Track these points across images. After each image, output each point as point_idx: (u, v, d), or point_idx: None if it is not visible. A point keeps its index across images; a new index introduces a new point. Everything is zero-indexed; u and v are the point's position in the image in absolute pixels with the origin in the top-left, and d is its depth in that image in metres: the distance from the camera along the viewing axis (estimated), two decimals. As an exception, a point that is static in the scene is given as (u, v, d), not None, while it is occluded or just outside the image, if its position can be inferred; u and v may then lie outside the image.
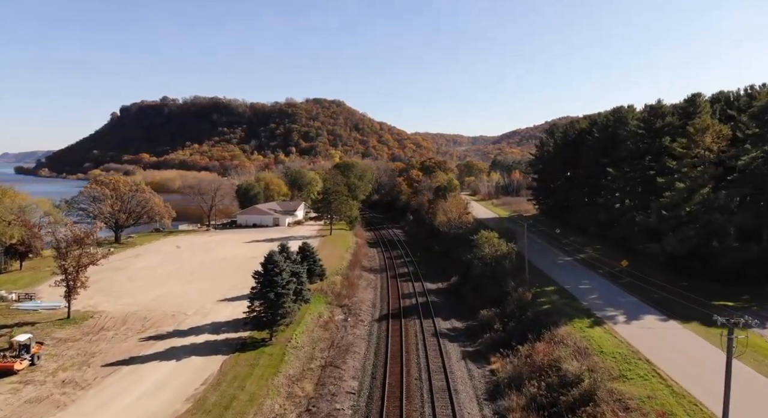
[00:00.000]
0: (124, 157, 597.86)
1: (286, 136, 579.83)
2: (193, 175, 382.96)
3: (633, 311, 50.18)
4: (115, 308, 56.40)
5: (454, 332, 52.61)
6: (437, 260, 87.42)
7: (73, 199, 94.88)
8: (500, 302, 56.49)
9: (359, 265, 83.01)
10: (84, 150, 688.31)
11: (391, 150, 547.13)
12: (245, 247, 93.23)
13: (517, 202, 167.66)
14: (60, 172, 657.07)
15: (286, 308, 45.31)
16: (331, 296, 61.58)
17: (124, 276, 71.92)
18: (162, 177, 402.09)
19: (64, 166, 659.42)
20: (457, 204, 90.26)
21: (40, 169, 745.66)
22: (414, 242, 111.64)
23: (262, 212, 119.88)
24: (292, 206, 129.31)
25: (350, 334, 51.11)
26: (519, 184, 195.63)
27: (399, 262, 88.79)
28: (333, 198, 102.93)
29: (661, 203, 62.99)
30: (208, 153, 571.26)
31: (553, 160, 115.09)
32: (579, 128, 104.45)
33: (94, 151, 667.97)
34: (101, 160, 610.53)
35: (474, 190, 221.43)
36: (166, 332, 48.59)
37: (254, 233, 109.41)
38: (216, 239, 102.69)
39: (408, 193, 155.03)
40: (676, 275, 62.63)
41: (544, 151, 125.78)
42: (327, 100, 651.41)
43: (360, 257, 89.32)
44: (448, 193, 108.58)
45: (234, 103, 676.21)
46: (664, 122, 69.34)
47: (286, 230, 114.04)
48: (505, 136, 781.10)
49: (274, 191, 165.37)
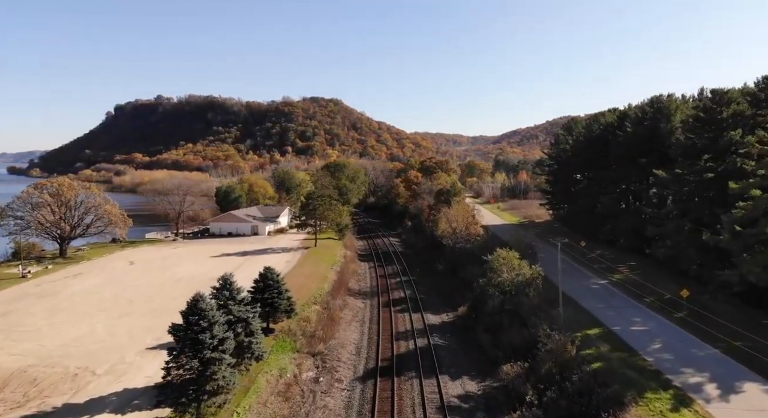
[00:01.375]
0: (116, 157, 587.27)
1: (283, 136, 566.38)
2: (183, 175, 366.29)
3: (723, 374, 35.14)
4: (2, 361, 41.27)
5: (468, 402, 37.39)
6: (440, 281, 72.29)
7: (8, 206, 79.55)
8: (528, 351, 41.47)
9: (345, 287, 67.93)
10: (78, 150, 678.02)
11: (389, 150, 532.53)
12: (211, 263, 78.12)
13: (525, 206, 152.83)
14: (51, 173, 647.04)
15: (219, 379, 30.19)
16: (302, 340, 46.39)
17: (46, 307, 56.72)
18: (150, 177, 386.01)
19: (56, 166, 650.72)
20: (463, 212, 75.11)
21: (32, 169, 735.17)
22: (412, 254, 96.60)
23: (238, 218, 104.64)
24: (275, 212, 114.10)
25: (321, 406, 35.95)
26: (527, 186, 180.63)
27: (394, 282, 73.63)
28: (318, 203, 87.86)
29: (734, 216, 48.00)
30: (202, 153, 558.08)
31: (573, 160, 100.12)
32: (605, 122, 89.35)
33: (86, 150, 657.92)
34: (93, 160, 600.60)
35: (477, 192, 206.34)
36: (51, 409, 33.49)
37: (227, 244, 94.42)
38: (179, 253, 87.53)
39: (406, 197, 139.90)
40: (754, 310, 47.80)
41: (560, 150, 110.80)
42: (324, 99, 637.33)
43: (347, 275, 74.22)
44: (451, 199, 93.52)
45: (229, 101, 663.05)
46: (731, 111, 54.19)
47: (266, 240, 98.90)
48: (505, 136, 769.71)
49: (259, 194, 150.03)
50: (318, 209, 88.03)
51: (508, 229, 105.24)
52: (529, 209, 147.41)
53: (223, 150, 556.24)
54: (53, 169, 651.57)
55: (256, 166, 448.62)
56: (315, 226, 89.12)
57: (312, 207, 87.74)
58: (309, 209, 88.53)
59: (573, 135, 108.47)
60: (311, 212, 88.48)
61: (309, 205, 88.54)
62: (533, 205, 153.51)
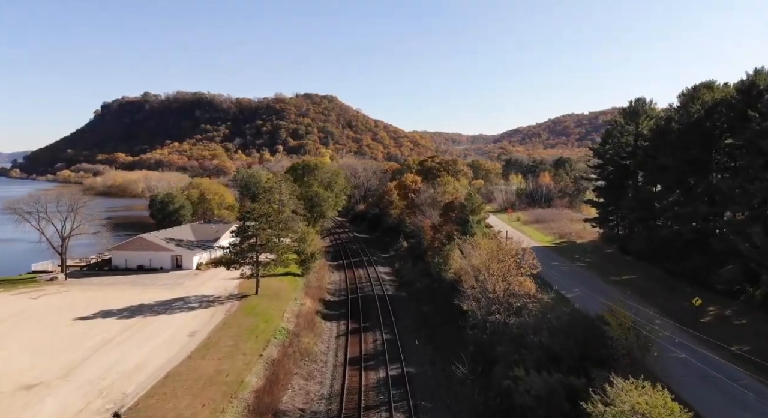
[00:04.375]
0: (98, 156, 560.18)
1: (274, 134, 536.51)
2: (159, 176, 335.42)
3: None
4: None
5: None
6: (467, 388, 38.53)
7: None
8: None
9: (278, 402, 34.96)
10: (63, 150, 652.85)
11: (386, 148, 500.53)
12: (61, 338, 45.22)
13: (553, 218, 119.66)
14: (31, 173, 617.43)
15: None
16: None
17: None
18: (125, 179, 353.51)
19: (39, 166, 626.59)
20: (494, 249, 41.56)
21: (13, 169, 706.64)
22: (412, 300, 63.65)
23: (154, 245, 71.34)
24: (215, 233, 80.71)
25: None
26: (550, 192, 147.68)
27: (380, 380, 40.52)
28: (258, 228, 55.06)
29: None
30: (188, 152, 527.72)
31: (645, 161, 67.51)
32: (712, 100, 56.37)
33: (68, 150, 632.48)
34: (74, 160, 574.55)
35: (487, 197, 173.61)
36: None
37: (124, 288, 61.67)
38: (34, 308, 54.41)
39: (401, 207, 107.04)
40: None
41: (618, 146, 78.29)
42: (318, 96, 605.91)
43: (290, 366, 41.09)
44: (469, 218, 60.59)
45: (218, 98, 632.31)
46: None
47: (189, 279, 65.80)
48: (506, 135, 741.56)
49: (214, 204, 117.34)
50: (259, 236, 55.22)
51: (548, 256, 72.53)
52: (560, 222, 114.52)
53: (210, 149, 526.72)
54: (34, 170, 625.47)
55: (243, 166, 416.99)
56: (256, 264, 56.05)
57: (248, 235, 55.00)
58: (244, 235, 55.69)
59: (638, 125, 75.85)
60: (246, 242, 55.66)
61: (243, 230, 55.64)
62: (562, 217, 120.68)
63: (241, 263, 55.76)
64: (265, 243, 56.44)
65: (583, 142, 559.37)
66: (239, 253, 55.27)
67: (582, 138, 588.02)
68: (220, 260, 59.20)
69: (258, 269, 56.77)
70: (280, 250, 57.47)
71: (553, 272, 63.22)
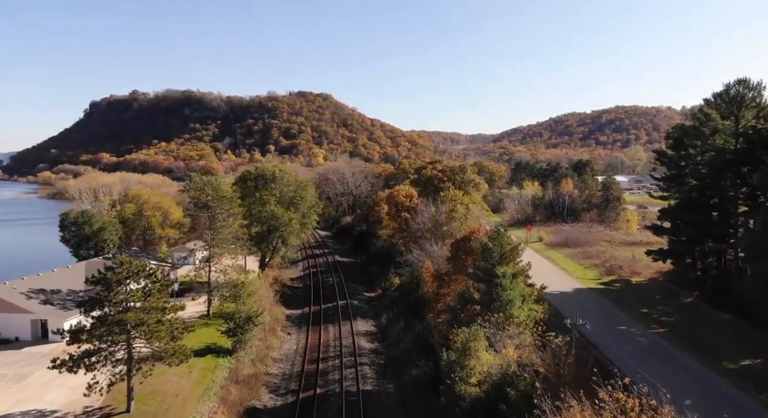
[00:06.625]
0: (82, 157, 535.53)
1: (265, 133, 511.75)
2: (137, 179, 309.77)
3: None
4: None
5: None
6: None
7: None
8: None
9: None
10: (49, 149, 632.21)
11: (383, 148, 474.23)
12: None
13: (587, 239, 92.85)
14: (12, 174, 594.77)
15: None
16: None
17: None
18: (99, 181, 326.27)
19: (22, 167, 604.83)
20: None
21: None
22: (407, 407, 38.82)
23: (2, 304, 45.78)
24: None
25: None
26: (574, 202, 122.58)
27: None
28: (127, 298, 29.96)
29: None
30: (175, 152, 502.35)
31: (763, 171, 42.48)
32: None
33: (52, 150, 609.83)
34: (58, 160, 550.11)
35: (495, 205, 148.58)
36: None
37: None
38: None
39: (392, 228, 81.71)
40: None
41: (712, 151, 53.48)
42: (312, 94, 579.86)
43: None
44: (500, 275, 35.69)
45: (208, 96, 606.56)
46: None
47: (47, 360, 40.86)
48: (506, 134, 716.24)
49: (155, 222, 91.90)
50: (130, 311, 30.32)
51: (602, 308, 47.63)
52: (597, 246, 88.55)
53: (198, 149, 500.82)
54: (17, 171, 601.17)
55: (232, 166, 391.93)
56: (128, 360, 31.03)
57: (109, 303, 30.12)
58: (102, 314, 30.78)
59: (744, 118, 50.91)
60: (105, 325, 30.73)
61: (100, 297, 30.60)
62: (597, 239, 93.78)
63: (89, 365, 30.45)
64: (141, 325, 31.24)
65: (586, 141, 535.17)
66: (88, 352, 30.01)
67: (585, 137, 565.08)
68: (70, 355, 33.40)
69: (132, 369, 31.59)
70: (166, 333, 32.23)
71: (624, 349, 38.59)
